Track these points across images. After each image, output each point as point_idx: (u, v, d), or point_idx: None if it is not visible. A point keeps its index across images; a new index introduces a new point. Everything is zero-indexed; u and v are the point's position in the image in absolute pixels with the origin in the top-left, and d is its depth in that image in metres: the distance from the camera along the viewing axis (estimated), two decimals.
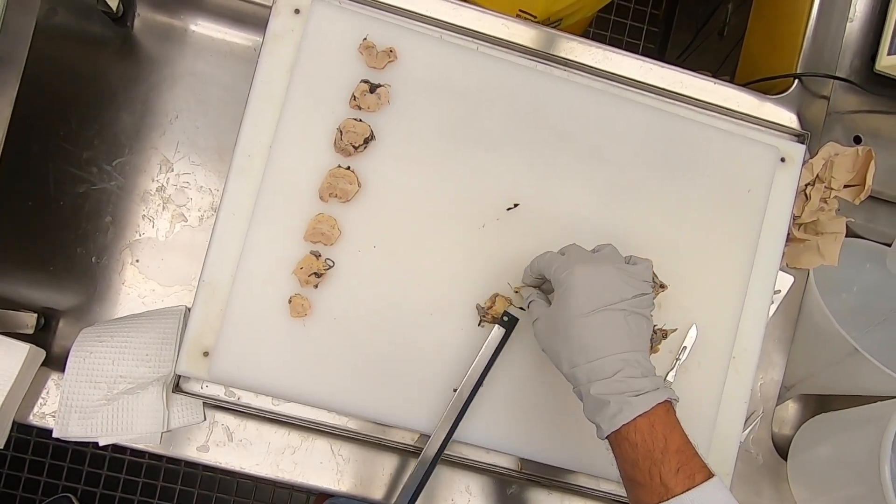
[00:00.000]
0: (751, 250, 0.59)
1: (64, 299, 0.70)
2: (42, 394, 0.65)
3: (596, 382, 0.42)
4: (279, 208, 0.55)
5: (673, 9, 1.37)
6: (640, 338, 0.44)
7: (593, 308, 0.43)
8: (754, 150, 0.60)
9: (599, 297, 0.43)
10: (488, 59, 0.58)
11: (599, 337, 0.43)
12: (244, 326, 0.54)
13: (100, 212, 0.70)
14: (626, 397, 0.41)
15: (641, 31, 1.44)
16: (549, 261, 0.48)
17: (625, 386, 0.42)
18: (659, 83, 0.66)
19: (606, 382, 0.42)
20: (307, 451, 0.66)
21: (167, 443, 0.64)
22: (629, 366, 0.42)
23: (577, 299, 0.44)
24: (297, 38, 0.56)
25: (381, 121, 0.56)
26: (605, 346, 0.43)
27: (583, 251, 0.48)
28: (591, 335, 0.43)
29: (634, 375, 0.42)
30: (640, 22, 1.44)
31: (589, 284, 0.44)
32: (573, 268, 0.45)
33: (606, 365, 0.42)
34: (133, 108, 0.71)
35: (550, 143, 0.58)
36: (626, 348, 0.43)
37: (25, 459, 1.36)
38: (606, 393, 0.42)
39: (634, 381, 0.42)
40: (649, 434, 0.41)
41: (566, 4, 0.93)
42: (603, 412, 0.42)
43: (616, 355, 0.42)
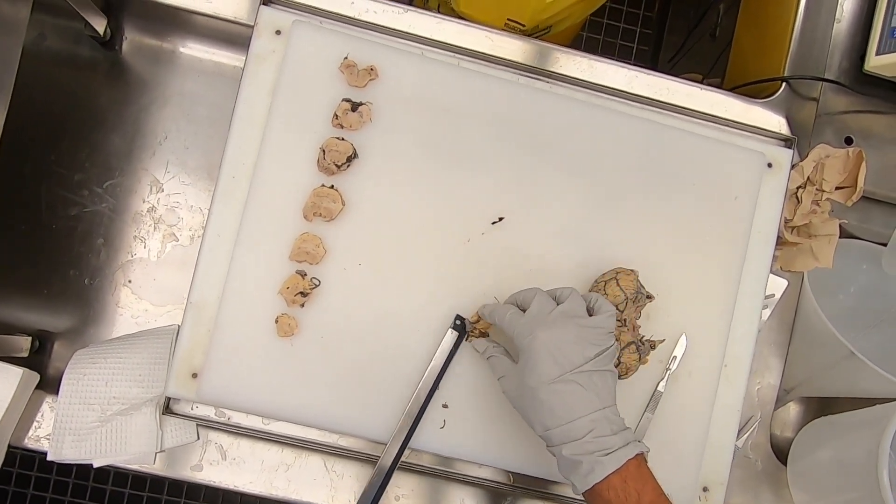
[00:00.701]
0: (739, 257, 0.59)
1: (58, 322, 0.71)
2: (37, 417, 0.66)
3: (568, 444, 0.44)
4: (264, 228, 0.55)
5: (666, 11, 1.36)
6: (607, 394, 0.46)
7: (559, 374, 0.44)
8: (740, 156, 0.60)
9: (564, 362, 0.44)
10: (470, 74, 0.58)
11: (567, 402, 0.44)
12: (232, 347, 0.54)
13: (92, 234, 0.71)
14: (597, 456, 0.43)
15: (635, 34, 1.43)
16: (510, 322, 0.48)
17: (595, 445, 0.43)
18: (645, 91, 0.66)
19: (578, 444, 0.43)
20: (301, 468, 0.66)
21: (161, 462, 0.64)
22: (598, 425, 0.44)
23: (542, 367, 0.44)
24: (278, 58, 0.56)
25: (364, 139, 0.56)
26: (574, 410, 0.44)
27: (543, 307, 0.47)
28: (559, 401, 0.44)
29: (604, 434, 0.44)
30: (634, 25, 1.43)
31: (552, 351, 0.45)
32: (535, 333, 0.45)
33: (576, 427, 0.44)
34: (123, 130, 0.71)
35: (534, 155, 0.58)
36: (595, 407, 0.44)
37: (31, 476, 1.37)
38: (578, 453, 0.43)
39: (605, 440, 0.43)
40: (622, 490, 0.42)
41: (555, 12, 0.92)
42: (576, 472, 0.44)
43: (585, 417, 0.44)
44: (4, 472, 1.36)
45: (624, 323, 0.54)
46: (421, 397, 0.53)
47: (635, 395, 0.57)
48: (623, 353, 0.53)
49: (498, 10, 0.94)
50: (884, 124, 0.72)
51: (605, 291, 0.54)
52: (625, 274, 0.54)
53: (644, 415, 0.57)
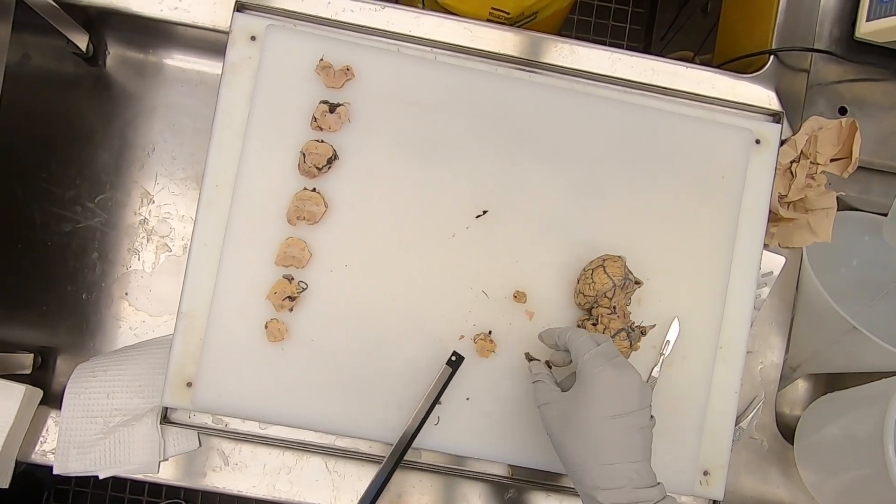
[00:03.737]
0: (730, 237, 0.58)
1: (59, 337, 0.72)
2: (42, 432, 0.67)
3: (607, 491, 0.43)
4: (249, 235, 0.55)
5: None
6: (647, 449, 0.45)
7: (616, 413, 0.44)
8: (727, 134, 0.59)
9: (624, 403, 0.44)
10: (447, 68, 0.58)
11: (616, 443, 0.44)
12: (223, 355, 0.55)
13: (86, 249, 0.72)
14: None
15: (626, 14, 1.41)
16: (582, 345, 0.47)
17: (636, 496, 0.42)
18: (629, 74, 0.65)
19: (619, 492, 0.43)
20: (302, 470, 0.66)
21: (165, 471, 0.65)
22: (640, 476, 0.43)
23: (604, 401, 0.44)
24: (254, 65, 0.56)
25: (344, 140, 0.56)
26: (620, 454, 0.43)
27: (611, 349, 0.47)
28: (608, 439, 0.44)
29: (646, 485, 0.43)
30: (625, 4, 1.41)
31: (617, 389, 0.44)
32: (605, 367, 0.45)
33: (619, 473, 0.43)
34: (111, 145, 0.72)
35: (516, 146, 0.57)
36: (639, 458, 0.44)
37: None
38: (619, 501, 0.43)
39: (645, 492, 0.43)
40: None
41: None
42: None
43: (630, 464, 0.43)
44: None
45: (613, 310, 0.54)
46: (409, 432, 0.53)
47: None
48: (614, 340, 0.52)
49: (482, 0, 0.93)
50: (879, 92, 0.71)
51: (593, 279, 0.53)
52: (612, 261, 0.54)
53: None
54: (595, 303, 0.54)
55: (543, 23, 1.01)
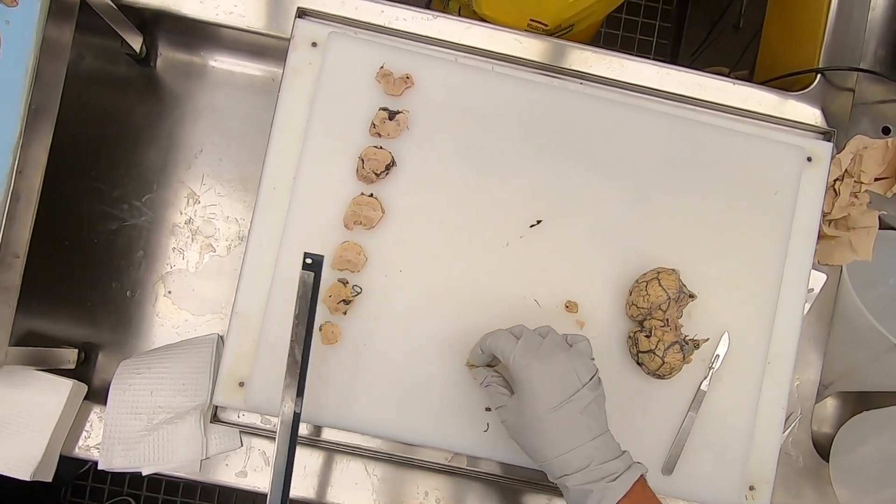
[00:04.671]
0: (781, 253, 0.58)
1: (102, 333, 0.72)
2: (86, 427, 0.67)
3: (573, 475, 0.44)
4: (305, 238, 0.56)
5: (685, 4, 1.35)
6: (603, 419, 0.46)
7: (558, 402, 0.44)
8: (779, 151, 0.59)
9: (561, 391, 0.45)
10: (504, 79, 0.58)
11: (567, 430, 0.44)
12: (277, 356, 0.55)
13: (132, 247, 0.72)
14: (605, 483, 0.43)
15: (654, 28, 1.42)
16: (503, 348, 0.48)
17: (601, 473, 0.44)
18: (677, 88, 0.65)
19: (584, 473, 0.44)
20: (342, 473, 0.66)
21: (206, 469, 0.65)
22: (601, 451, 0.44)
23: (542, 398, 0.45)
24: (315, 70, 0.57)
25: (402, 147, 0.56)
26: (575, 438, 0.44)
27: (532, 340, 0.48)
28: (559, 430, 0.44)
29: (608, 459, 0.44)
30: (653, 19, 1.42)
31: (549, 380, 0.45)
32: (532, 362, 0.46)
33: (579, 456, 0.44)
34: (159, 145, 0.73)
35: (570, 157, 0.58)
36: (595, 433, 0.45)
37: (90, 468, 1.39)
38: (586, 482, 0.44)
39: (609, 465, 0.44)
40: None
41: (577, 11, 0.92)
42: (587, 501, 0.44)
43: (586, 444, 0.44)
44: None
45: (666, 323, 0.54)
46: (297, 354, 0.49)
47: (678, 394, 0.57)
48: (667, 353, 0.53)
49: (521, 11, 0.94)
50: None
51: (647, 291, 0.54)
52: (666, 273, 0.54)
53: (688, 414, 0.57)
54: (648, 315, 0.54)
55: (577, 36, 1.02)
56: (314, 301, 0.50)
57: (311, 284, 0.50)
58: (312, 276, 0.50)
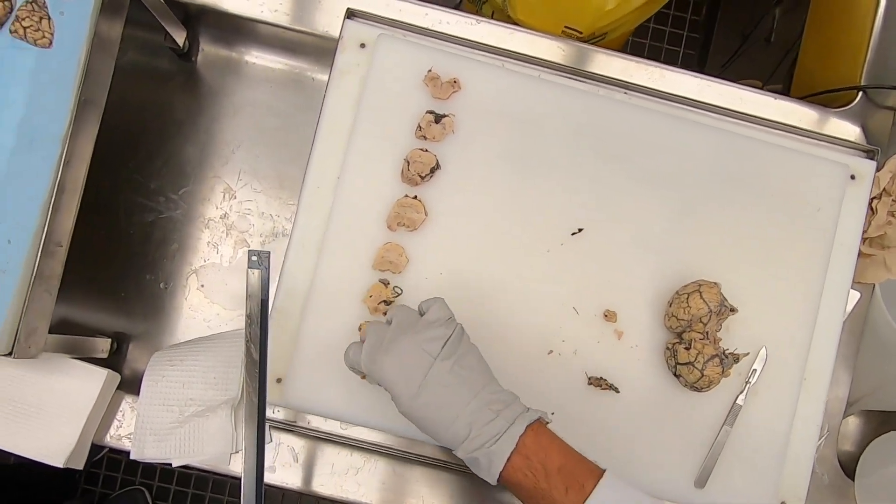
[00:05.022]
0: (821, 270, 0.58)
1: (134, 324, 0.73)
2: (118, 416, 0.68)
3: (460, 446, 0.42)
4: (348, 238, 0.56)
5: (714, 15, 1.35)
6: (476, 377, 0.44)
7: (417, 387, 0.43)
8: (823, 168, 0.59)
9: (415, 374, 0.43)
10: (550, 86, 0.58)
11: (438, 408, 0.43)
12: (316, 354, 0.55)
13: (167, 239, 0.73)
14: (488, 447, 0.41)
15: (681, 38, 1.42)
16: (353, 358, 0.46)
17: (483, 438, 0.41)
18: (717, 100, 0.65)
19: (468, 441, 0.42)
20: (370, 472, 0.67)
21: (235, 464, 0.66)
22: (479, 415, 0.42)
23: (400, 391, 0.43)
24: (363, 71, 0.57)
25: (446, 150, 0.57)
26: (450, 412, 0.42)
27: (378, 334, 0.46)
28: (430, 412, 0.43)
29: (488, 420, 0.42)
30: (680, 29, 1.42)
31: (399, 372, 0.43)
32: (378, 363, 0.44)
33: (459, 428, 0.42)
34: (197, 139, 0.73)
35: (614, 166, 0.58)
36: (468, 399, 0.42)
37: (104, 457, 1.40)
38: (472, 450, 0.42)
39: (489, 427, 0.42)
40: (528, 468, 0.41)
41: (612, 20, 0.92)
42: (479, 469, 0.42)
43: (463, 413, 0.42)
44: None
45: (706, 335, 0.54)
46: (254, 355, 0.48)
47: (714, 407, 0.57)
48: (707, 365, 0.53)
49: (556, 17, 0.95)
50: None
51: (688, 303, 0.54)
52: (708, 286, 0.54)
53: (723, 428, 0.57)
54: (688, 327, 0.54)
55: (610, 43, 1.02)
56: (265, 299, 0.49)
57: (259, 283, 0.49)
58: (259, 273, 0.49)
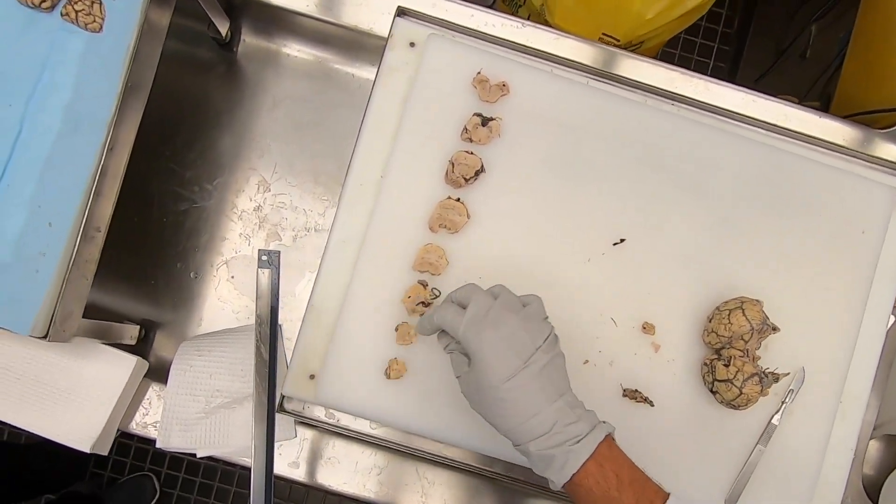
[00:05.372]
0: (863, 293, 0.57)
1: (162, 312, 0.73)
2: (144, 404, 0.68)
3: (535, 440, 0.42)
4: (389, 237, 0.56)
5: (746, 28, 1.34)
6: (562, 380, 0.44)
7: (514, 371, 0.42)
8: (869, 189, 0.58)
9: (515, 358, 0.43)
10: (599, 94, 0.58)
11: (527, 397, 0.42)
12: (351, 352, 0.55)
13: (199, 229, 0.73)
14: (568, 446, 0.42)
15: (712, 50, 1.41)
16: (452, 321, 0.45)
17: (563, 436, 0.42)
18: (762, 115, 0.65)
19: (546, 437, 0.42)
20: (393, 472, 0.66)
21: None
22: (563, 414, 0.42)
23: (495, 368, 0.43)
24: (411, 70, 0.57)
25: (492, 153, 0.56)
26: (535, 404, 0.42)
27: (483, 304, 0.45)
28: (518, 398, 0.42)
29: (571, 421, 0.42)
30: (711, 41, 1.41)
31: (501, 349, 0.43)
32: (482, 332, 0.43)
33: (541, 422, 0.42)
34: (234, 131, 0.73)
35: (659, 178, 0.57)
36: (554, 397, 0.43)
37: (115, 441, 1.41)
38: (549, 447, 0.42)
39: (572, 428, 0.42)
40: (601, 476, 0.41)
41: (649, 29, 0.92)
42: (551, 467, 0.42)
43: (548, 409, 0.42)
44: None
45: (746, 353, 0.53)
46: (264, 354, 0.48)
47: (749, 426, 0.57)
48: (745, 384, 0.52)
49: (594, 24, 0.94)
50: None
51: (730, 320, 0.53)
52: (750, 304, 0.53)
53: (756, 447, 0.57)
54: (728, 344, 0.54)
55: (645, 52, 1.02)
56: (275, 298, 0.49)
57: (269, 283, 0.49)
58: (268, 273, 0.49)
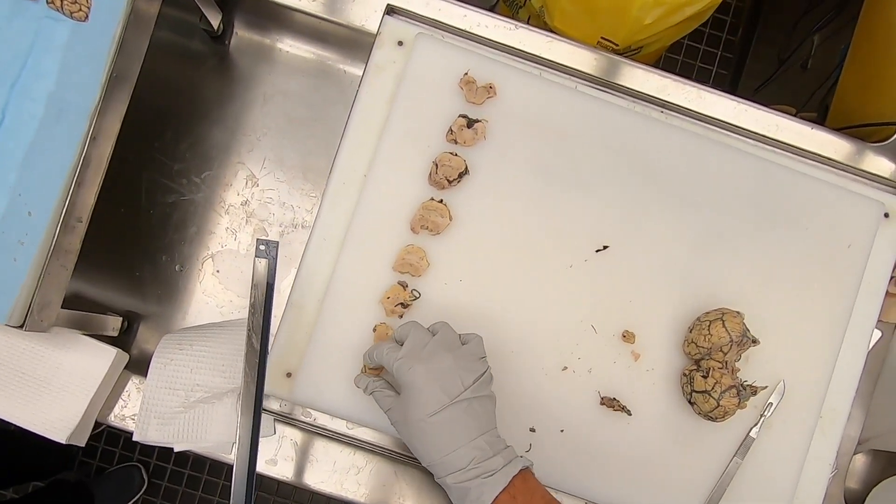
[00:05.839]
0: (847, 308, 0.57)
1: (146, 304, 0.72)
2: (123, 396, 0.67)
3: (453, 474, 0.45)
4: (370, 237, 0.55)
5: (750, 37, 1.33)
6: (487, 419, 0.47)
7: (439, 406, 0.45)
8: (856, 203, 0.58)
9: (443, 393, 0.45)
10: (586, 99, 0.57)
11: (449, 433, 0.45)
12: (329, 351, 0.55)
13: (186, 222, 0.73)
14: (482, 479, 0.44)
15: (715, 57, 1.41)
16: (387, 356, 0.48)
17: (479, 470, 0.44)
18: (752, 126, 0.64)
19: (462, 472, 0.44)
20: (371, 473, 0.66)
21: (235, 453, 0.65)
22: (480, 450, 0.45)
23: (423, 401, 0.45)
24: (398, 69, 0.56)
25: (477, 156, 0.56)
26: (456, 440, 0.45)
27: (419, 340, 0.48)
28: (440, 433, 0.45)
29: (487, 457, 0.45)
30: (715, 48, 1.40)
31: (431, 383, 0.45)
32: (414, 366, 0.46)
33: (459, 457, 0.44)
34: (224, 124, 0.73)
35: (644, 186, 0.57)
36: (475, 434, 0.45)
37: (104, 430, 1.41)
38: (464, 481, 0.44)
39: (487, 463, 0.44)
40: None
41: (649, 34, 0.91)
42: (467, 498, 0.44)
43: (467, 445, 0.44)
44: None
45: (725, 365, 0.53)
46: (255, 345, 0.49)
47: (726, 438, 0.56)
48: (723, 396, 0.52)
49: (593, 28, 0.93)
50: None
51: (710, 331, 0.53)
52: (731, 315, 0.53)
53: (733, 459, 0.56)
54: (707, 355, 0.53)
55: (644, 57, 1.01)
56: (270, 289, 0.49)
57: (266, 272, 0.49)
58: (266, 263, 0.49)
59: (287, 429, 0.66)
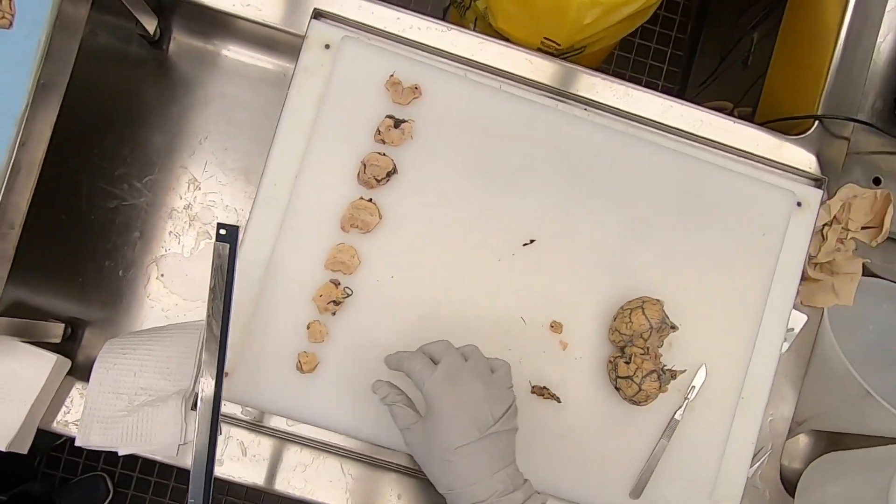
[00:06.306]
0: (763, 293, 0.60)
1: (91, 310, 0.73)
2: (66, 402, 0.67)
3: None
4: (302, 236, 0.56)
5: (698, 35, 1.37)
6: (510, 452, 0.47)
7: (468, 440, 0.44)
8: (770, 193, 0.61)
9: (473, 426, 0.45)
10: (510, 98, 0.59)
11: (474, 464, 0.45)
12: (264, 349, 0.56)
13: (129, 227, 0.73)
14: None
15: (665, 55, 1.44)
16: (419, 374, 0.47)
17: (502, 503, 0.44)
18: (678, 122, 0.67)
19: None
20: (318, 469, 0.67)
21: (183, 454, 0.66)
22: (502, 483, 0.45)
23: (452, 431, 0.45)
24: (326, 72, 0.58)
25: (404, 155, 0.57)
26: (479, 472, 0.44)
27: (453, 363, 0.47)
28: (466, 464, 0.44)
29: (508, 491, 0.45)
30: (665, 46, 1.44)
31: (462, 415, 0.45)
32: (446, 394, 0.45)
33: (482, 488, 0.44)
34: (165, 129, 0.73)
35: (569, 181, 0.59)
36: (498, 468, 0.45)
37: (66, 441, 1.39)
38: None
39: (509, 498, 0.44)
40: None
41: (590, 34, 0.94)
42: None
43: (490, 478, 0.44)
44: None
45: (646, 351, 0.55)
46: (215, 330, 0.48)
47: (652, 421, 0.59)
48: (644, 380, 0.54)
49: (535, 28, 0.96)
50: None
51: (631, 319, 0.55)
52: (651, 303, 0.55)
53: (659, 441, 0.58)
54: (629, 342, 0.56)
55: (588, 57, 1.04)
56: (231, 273, 0.49)
57: (227, 256, 0.49)
58: (227, 247, 0.49)
59: (234, 428, 0.67)
